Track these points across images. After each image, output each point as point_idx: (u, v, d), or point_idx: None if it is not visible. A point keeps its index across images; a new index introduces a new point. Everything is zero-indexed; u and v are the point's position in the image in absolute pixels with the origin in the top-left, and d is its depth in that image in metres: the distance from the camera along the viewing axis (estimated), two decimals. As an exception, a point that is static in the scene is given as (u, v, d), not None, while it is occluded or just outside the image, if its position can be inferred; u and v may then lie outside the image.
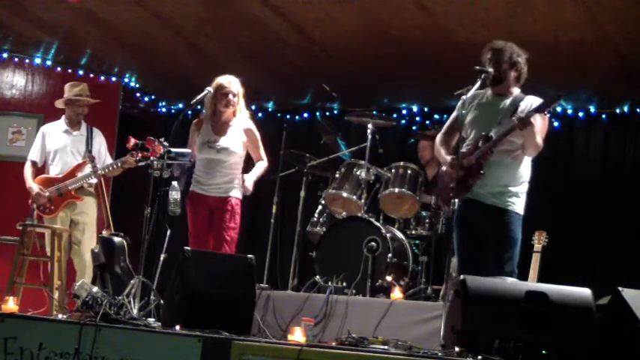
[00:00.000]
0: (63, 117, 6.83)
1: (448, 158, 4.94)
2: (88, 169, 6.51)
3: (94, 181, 6.57)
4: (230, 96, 5.79)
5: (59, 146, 6.71)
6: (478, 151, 4.78)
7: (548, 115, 4.88)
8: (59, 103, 6.82)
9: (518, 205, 4.83)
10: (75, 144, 6.72)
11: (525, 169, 4.90)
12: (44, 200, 6.46)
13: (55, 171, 6.65)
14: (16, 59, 8.21)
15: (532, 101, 4.85)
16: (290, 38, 7.08)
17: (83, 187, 6.57)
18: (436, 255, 6.25)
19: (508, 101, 4.89)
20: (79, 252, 6.54)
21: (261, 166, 5.97)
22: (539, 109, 4.66)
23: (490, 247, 4.79)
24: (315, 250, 6.26)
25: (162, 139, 5.34)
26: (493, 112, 4.87)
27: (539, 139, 4.76)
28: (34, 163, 6.71)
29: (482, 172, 4.75)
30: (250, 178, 5.87)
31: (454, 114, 5.10)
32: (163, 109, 9.20)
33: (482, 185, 4.79)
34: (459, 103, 5.02)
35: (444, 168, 5.08)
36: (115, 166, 6.43)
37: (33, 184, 6.54)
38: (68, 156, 6.68)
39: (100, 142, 6.81)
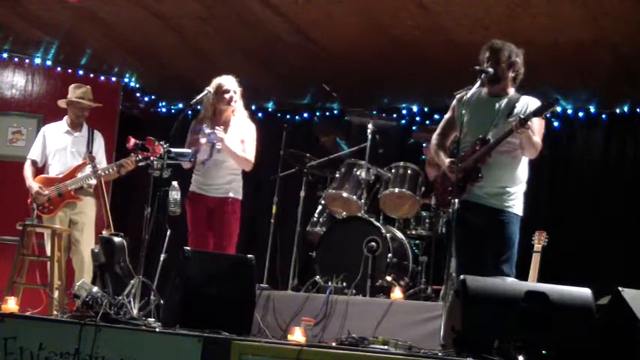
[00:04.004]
0: (65, 118, 6.83)
1: (447, 161, 4.91)
2: (88, 169, 6.51)
3: (93, 182, 6.58)
4: (232, 93, 5.81)
5: (60, 147, 6.71)
6: (476, 155, 4.76)
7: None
8: (62, 103, 6.83)
9: (516, 205, 4.83)
10: (75, 145, 6.72)
11: (523, 169, 4.90)
12: (43, 199, 6.46)
13: (55, 171, 6.65)
14: (16, 59, 8.22)
15: (528, 101, 4.85)
16: (290, 38, 7.08)
17: (83, 187, 6.57)
18: (436, 255, 6.25)
19: (504, 102, 4.88)
20: (78, 251, 6.55)
21: (242, 153, 5.81)
22: (536, 113, 4.64)
23: (488, 248, 4.78)
24: (315, 250, 6.26)
25: (162, 142, 5.36)
26: (488, 114, 4.86)
27: (538, 139, 4.76)
28: (34, 163, 6.71)
29: (480, 175, 4.75)
30: (230, 142, 5.74)
31: (448, 114, 5.09)
32: (163, 109, 9.20)
33: (480, 186, 4.78)
34: (454, 103, 5.01)
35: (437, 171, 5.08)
36: (111, 170, 6.44)
37: (33, 183, 6.55)
38: (68, 157, 6.68)
39: (99, 145, 6.81)
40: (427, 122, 7.93)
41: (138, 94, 8.78)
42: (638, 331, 3.70)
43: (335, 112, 8.49)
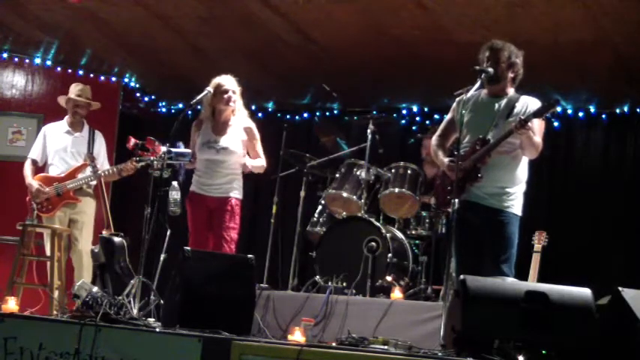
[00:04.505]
0: (65, 118, 6.84)
1: (446, 161, 4.92)
2: (88, 170, 6.52)
3: (93, 182, 6.57)
4: (230, 93, 5.82)
5: (60, 147, 6.71)
6: (475, 155, 4.77)
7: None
8: (61, 100, 6.84)
9: (515, 205, 4.83)
10: (76, 145, 6.73)
11: (523, 169, 4.90)
12: (42, 198, 6.47)
13: (55, 171, 6.66)
14: (16, 59, 8.21)
15: (527, 101, 4.85)
16: (290, 38, 7.08)
17: (82, 188, 6.57)
18: (436, 255, 6.25)
19: (503, 102, 4.88)
20: (77, 249, 6.55)
21: (259, 162, 5.95)
22: (537, 114, 4.65)
23: (487, 248, 4.79)
24: (315, 250, 6.27)
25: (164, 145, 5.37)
26: (488, 114, 4.86)
27: (538, 139, 4.76)
28: (34, 162, 6.72)
29: (480, 175, 4.75)
30: (249, 161, 5.87)
31: (449, 115, 5.10)
32: (163, 109, 9.20)
33: (479, 186, 4.79)
34: (454, 105, 5.02)
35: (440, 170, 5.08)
36: (111, 171, 6.44)
37: (32, 181, 6.55)
38: (68, 157, 6.68)
39: (100, 145, 6.82)
40: (427, 122, 7.93)
41: (138, 94, 8.78)
42: (638, 331, 3.70)
43: (335, 112, 8.49)
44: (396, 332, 4.73)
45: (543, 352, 3.68)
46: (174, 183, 5.41)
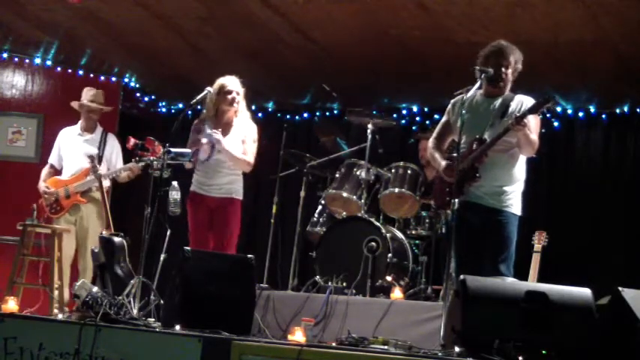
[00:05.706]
0: (80, 121, 6.89)
1: (443, 163, 4.92)
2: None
3: (107, 183, 6.59)
4: (234, 94, 5.82)
5: (71, 149, 6.81)
6: (473, 155, 4.77)
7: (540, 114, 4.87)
8: (74, 105, 6.87)
9: (514, 205, 4.83)
10: (86, 147, 6.77)
11: (520, 168, 4.90)
12: (51, 200, 6.53)
13: (67, 173, 6.74)
14: (16, 59, 8.21)
15: (522, 100, 4.86)
16: (290, 38, 7.08)
17: (91, 189, 6.59)
18: (436, 255, 6.24)
19: (498, 102, 4.88)
20: (83, 252, 6.54)
21: (242, 155, 5.83)
22: (532, 110, 4.66)
23: (487, 248, 4.78)
24: (315, 250, 6.27)
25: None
26: (484, 114, 4.86)
27: (534, 137, 4.76)
28: (51, 166, 6.86)
29: (478, 175, 4.75)
30: (228, 145, 5.75)
31: (444, 118, 5.10)
32: (163, 109, 9.19)
33: (478, 186, 4.79)
34: (449, 107, 5.03)
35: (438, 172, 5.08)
36: (119, 173, 6.46)
37: (41, 183, 6.68)
38: (79, 158, 6.72)
39: (112, 147, 6.86)
40: (427, 122, 7.93)
41: (138, 94, 8.78)
42: (638, 331, 3.70)
43: (335, 112, 8.48)
44: (396, 332, 4.73)
45: (543, 352, 3.68)
46: (175, 183, 5.42)
